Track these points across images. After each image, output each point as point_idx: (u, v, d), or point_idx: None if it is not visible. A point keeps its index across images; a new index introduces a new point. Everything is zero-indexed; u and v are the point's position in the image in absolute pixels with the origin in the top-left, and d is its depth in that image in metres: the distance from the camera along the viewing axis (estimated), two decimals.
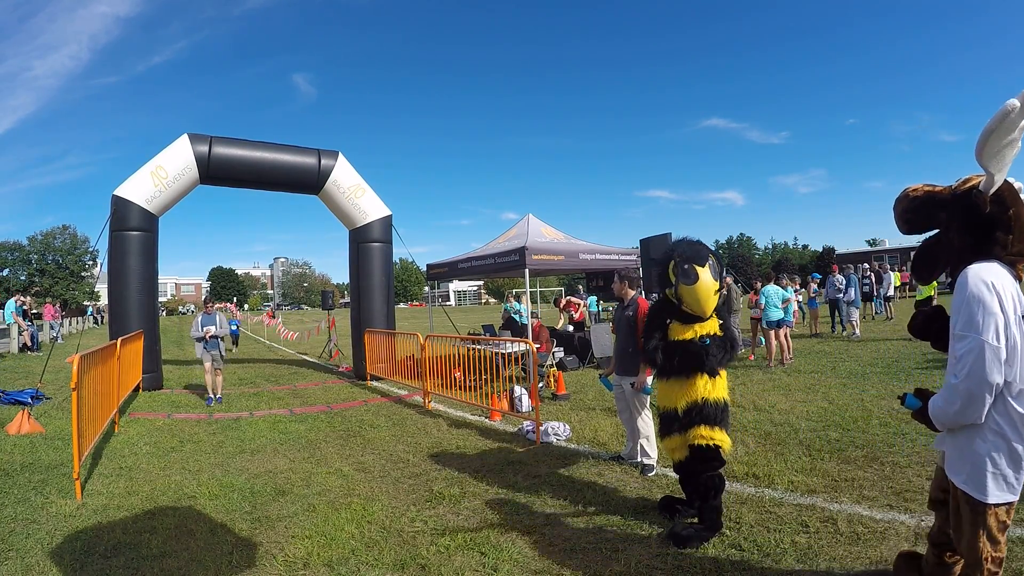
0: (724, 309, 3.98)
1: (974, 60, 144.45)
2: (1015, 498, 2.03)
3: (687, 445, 3.58)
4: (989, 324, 1.93)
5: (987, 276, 1.99)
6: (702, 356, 3.54)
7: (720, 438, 3.51)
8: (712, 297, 3.51)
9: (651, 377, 4.82)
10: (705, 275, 3.45)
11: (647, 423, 4.84)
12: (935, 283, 11.92)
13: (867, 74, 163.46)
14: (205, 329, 8.78)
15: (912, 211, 2.30)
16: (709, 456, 3.51)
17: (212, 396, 8.71)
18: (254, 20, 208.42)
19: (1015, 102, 1.81)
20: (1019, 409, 1.99)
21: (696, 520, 3.59)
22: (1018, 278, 2.08)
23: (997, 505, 2.03)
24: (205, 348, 8.75)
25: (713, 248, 3.67)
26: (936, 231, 2.32)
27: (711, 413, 3.53)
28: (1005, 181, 2.06)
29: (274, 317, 30.31)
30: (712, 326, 3.63)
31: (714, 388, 3.56)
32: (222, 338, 9.17)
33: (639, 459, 4.87)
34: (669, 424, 3.66)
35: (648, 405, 4.92)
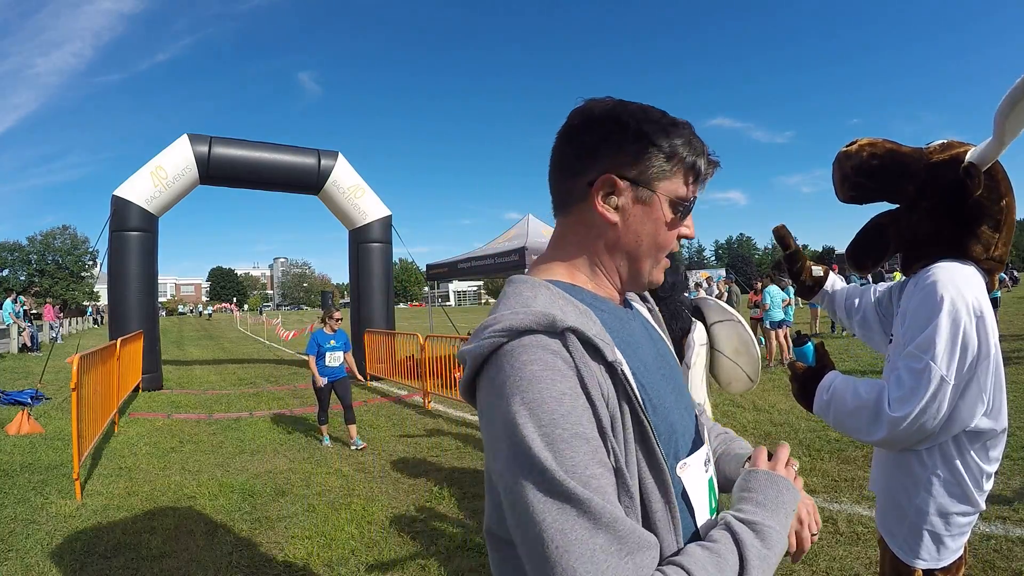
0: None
1: (977, 60, 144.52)
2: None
3: None
4: (953, 357, 1.39)
5: (968, 291, 1.42)
6: None
7: None
8: None
9: None
10: None
11: None
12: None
13: (871, 74, 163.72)
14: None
15: (869, 174, 1.63)
16: None
17: None
18: (260, 17, 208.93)
19: None
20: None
21: None
22: (989, 289, 1.56)
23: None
24: None
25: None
26: (890, 208, 1.72)
27: None
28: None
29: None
30: None
31: None
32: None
33: None
34: None
35: None
